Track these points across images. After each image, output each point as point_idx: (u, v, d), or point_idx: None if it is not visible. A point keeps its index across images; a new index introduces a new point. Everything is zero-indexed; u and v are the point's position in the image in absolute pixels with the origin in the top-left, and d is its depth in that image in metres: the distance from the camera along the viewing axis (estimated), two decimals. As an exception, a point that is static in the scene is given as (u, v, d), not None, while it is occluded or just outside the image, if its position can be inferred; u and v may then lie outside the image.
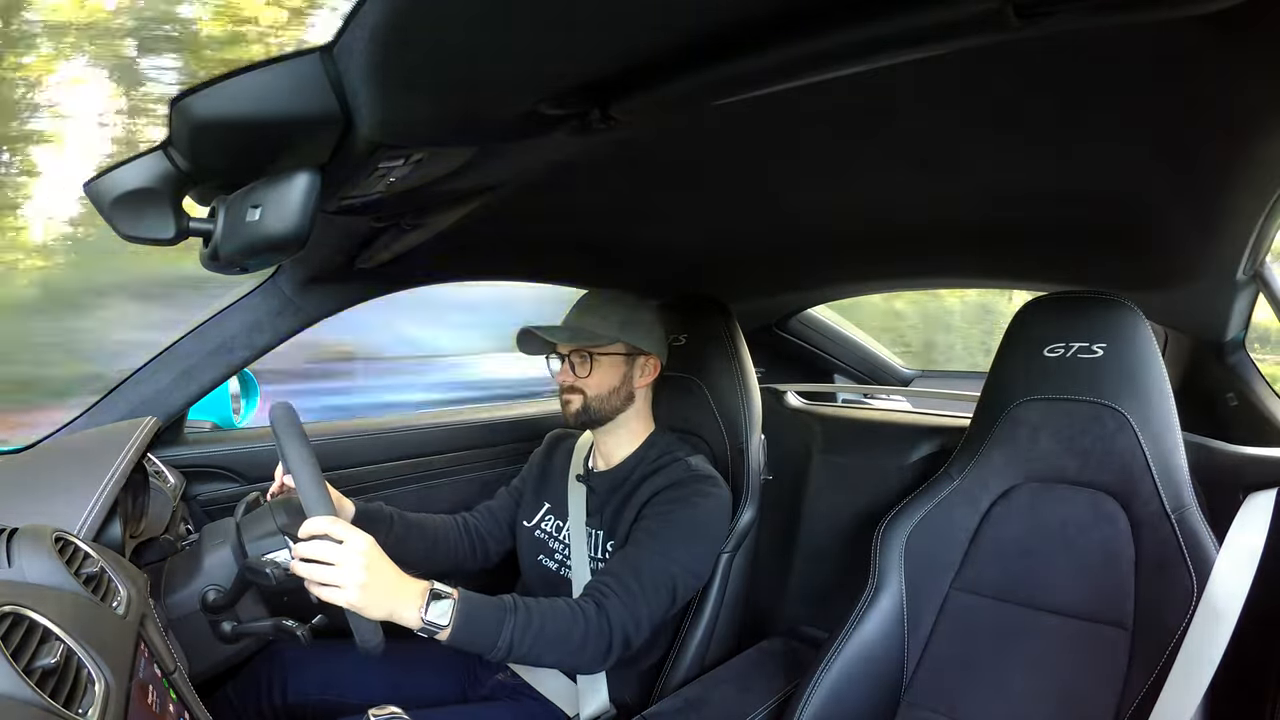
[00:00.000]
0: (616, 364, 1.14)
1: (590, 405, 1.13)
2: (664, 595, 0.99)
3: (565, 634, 0.90)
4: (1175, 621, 0.84)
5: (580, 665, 0.99)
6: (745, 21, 0.48)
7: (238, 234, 0.62)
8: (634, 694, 1.13)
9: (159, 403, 1.12)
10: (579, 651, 0.91)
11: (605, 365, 1.13)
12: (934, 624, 1.03)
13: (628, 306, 1.15)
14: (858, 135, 0.81)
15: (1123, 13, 0.43)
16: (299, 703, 1.08)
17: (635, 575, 0.97)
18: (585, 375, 1.12)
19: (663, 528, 1.03)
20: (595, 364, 1.12)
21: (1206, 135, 0.72)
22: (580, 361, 1.13)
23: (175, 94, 0.55)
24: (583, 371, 1.12)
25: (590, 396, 1.13)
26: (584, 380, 1.12)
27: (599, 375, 1.13)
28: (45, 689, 0.45)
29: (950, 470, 1.08)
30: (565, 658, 0.93)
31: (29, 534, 0.62)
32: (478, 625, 0.86)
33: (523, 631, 0.87)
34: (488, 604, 0.88)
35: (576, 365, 1.13)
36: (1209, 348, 1.23)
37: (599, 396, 1.13)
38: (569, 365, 1.13)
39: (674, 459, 1.13)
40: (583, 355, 1.13)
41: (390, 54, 0.51)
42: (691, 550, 1.04)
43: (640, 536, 1.03)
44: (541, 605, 0.91)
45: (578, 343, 1.12)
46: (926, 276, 1.62)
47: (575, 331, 1.12)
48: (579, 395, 1.13)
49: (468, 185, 0.85)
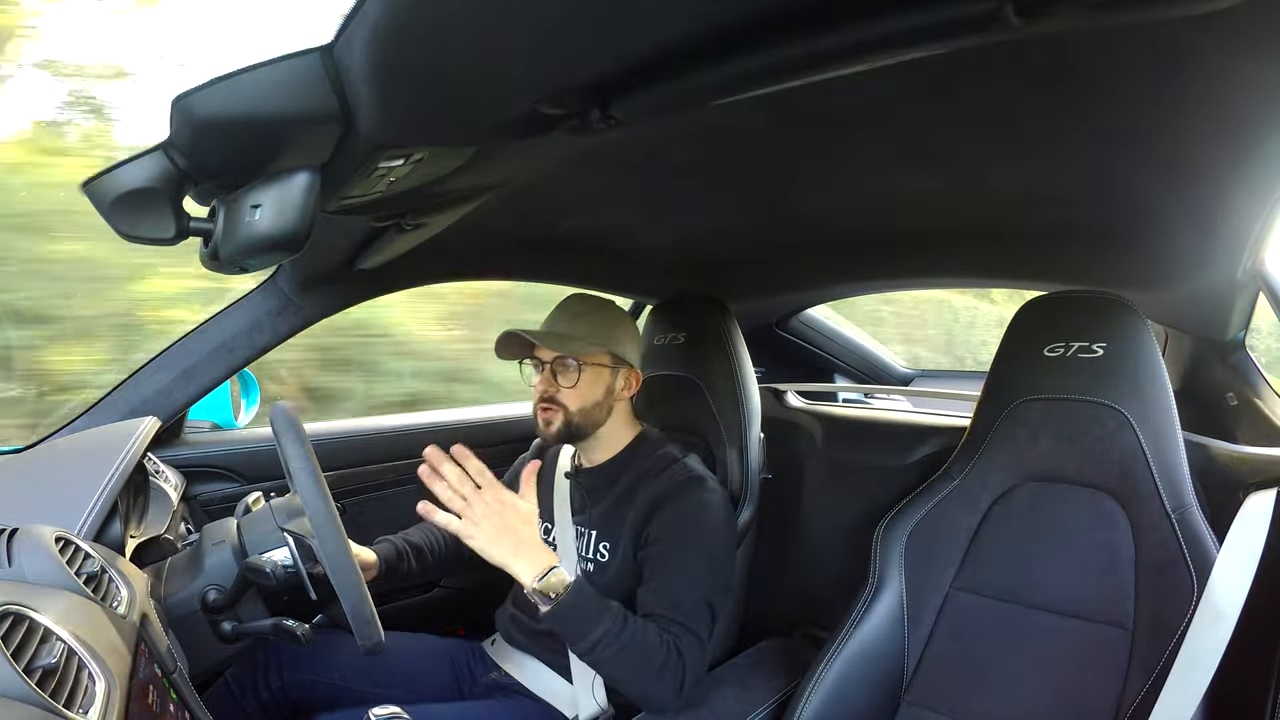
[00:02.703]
0: (601, 375, 1.10)
1: (571, 421, 1.08)
2: (706, 619, 1.00)
3: (649, 657, 0.92)
4: (1175, 621, 0.84)
5: (650, 694, 0.95)
6: (745, 21, 0.49)
7: (238, 234, 0.62)
8: (633, 694, 1.12)
9: (159, 403, 1.12)
10: (656, 680, 0.92)
11: (589, 376, 1.08)
12: (934, 624, 1.03)
13: (613, 315, 1.12)
14: (858, 135, 0.81)
15: (1123, 13, 0.43)
16: (297, 689, 1.08)
17: (675, 609, 0.97)
18: (570, 385, 1.07)
19: (680, 552, 1.02)
20: (581, 374, 1.08)
21: (1206, 135, 0.72)
22: (564, 370, 1.08)
23: (176, 93, 0.55)
24: (566, 381, 1.07)
25: (571, 411, 1.08)
26: (566, 391, 1.07)
27: (583, 386, 1.08)
28: (45, 689, 0.45)
29: (950, 470, 1.08)
30: (640, 679, 0.93)
31: (29, 534, 0.62)
32: (579, 613, 0.91)
33: (614, 638, 0.90)
34: (594, 600, 0.92)
35: (560, 374, 1.08)
36: (1209, 347, 1.23)
37: (581, 410, 1.08)
38: (550, 373, 1.08)
39: (670, 459, 1.11)
40: (566, 364, 1.08)
41: (390, 53, 0.51)
42: (715, 566, 1.04)
43: (659, 565, 1.02)
44: (639, 624, 0.94)
45: (567, 349, 1.07)
46: (926, 276, 1.62)
47: (563, 339, 1.08)
48: (559, 412, 1.08)
49: (468, 185, 0.85)
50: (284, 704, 1.08)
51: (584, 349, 1.08)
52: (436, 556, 1.22)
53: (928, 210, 1.08)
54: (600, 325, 1.10)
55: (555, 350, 1.09)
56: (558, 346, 1.08)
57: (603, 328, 1.10)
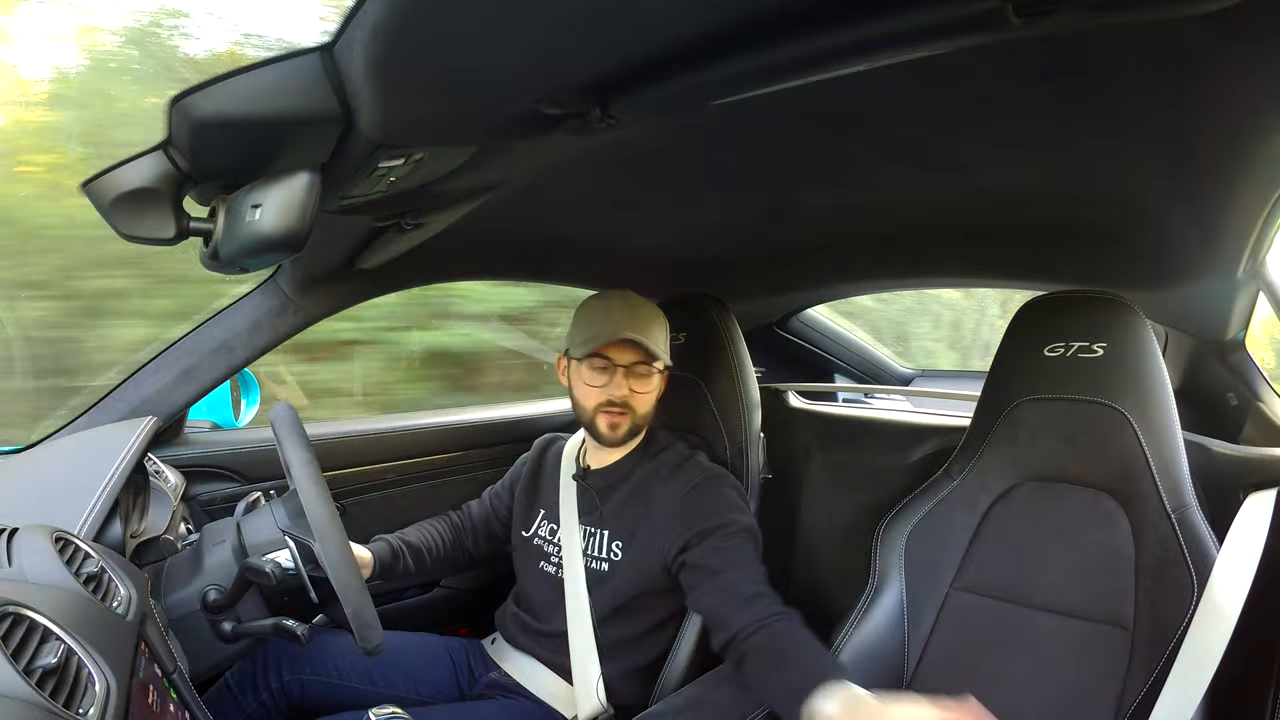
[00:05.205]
0: (661, 382, 1.14)
1: (638, 425, 1.12)
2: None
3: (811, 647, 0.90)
4: (1175, 621, 0.84)
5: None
6: (745, 21, 0.49)
7: (238, 234, 0.62)
8: (632, 694, 1.12)
9: (159, 403, 1.12)
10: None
11: (656, 382, 1.12)
12: (934, 623, 1.03)
13: (663, 319, 1.14)
14: (858, 135, 0.81)
15: (1123, 12, 0.43)
16: (297, 689, 1.08)
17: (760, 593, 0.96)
18: (645, 391, 1.10)
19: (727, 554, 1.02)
20: (654, 380, 1.11)
21: (1206, 135, 0.72)
22: (643, 376, 1.10)
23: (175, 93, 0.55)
24: (643, 387, 1.10)
25: (639, 415, 1.11)
26: (639, 396, 1.10)
27: (654, 392, 1.12)
28: (45, 689, 0.45)
29: (950, 470, 1.08)
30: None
31: (29, 534, 0.62)
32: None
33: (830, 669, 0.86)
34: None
35: (637, 379, 1.09)
36: (1209, 347, 1.23)
37: (645, 415, 1.12)
38: (623, 376, 1.08)
39: (683, 457, 1.14)
40: (645, 371, 1.10)
41: (391, 53, 0.51)
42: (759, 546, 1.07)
43: (710, 565, 1.01)
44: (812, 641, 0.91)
45: (656, 359, 1.09)
46: (926, 276, 1.62)
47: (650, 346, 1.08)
48: (628, 415, 1.10)
49: (468, 185, 0.85)
50: (284, 704, 1.08)
51: (665, 357, 1.11)
52: (435, 557, 1.22)
53: (928, 210, 1.08)
54: (664, 330, 1.13)
55: (648, 359, 1.09)
56: (655, 358, 1.09)
57: (665, 333, 1.13)
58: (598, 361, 1.08)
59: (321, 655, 1.09)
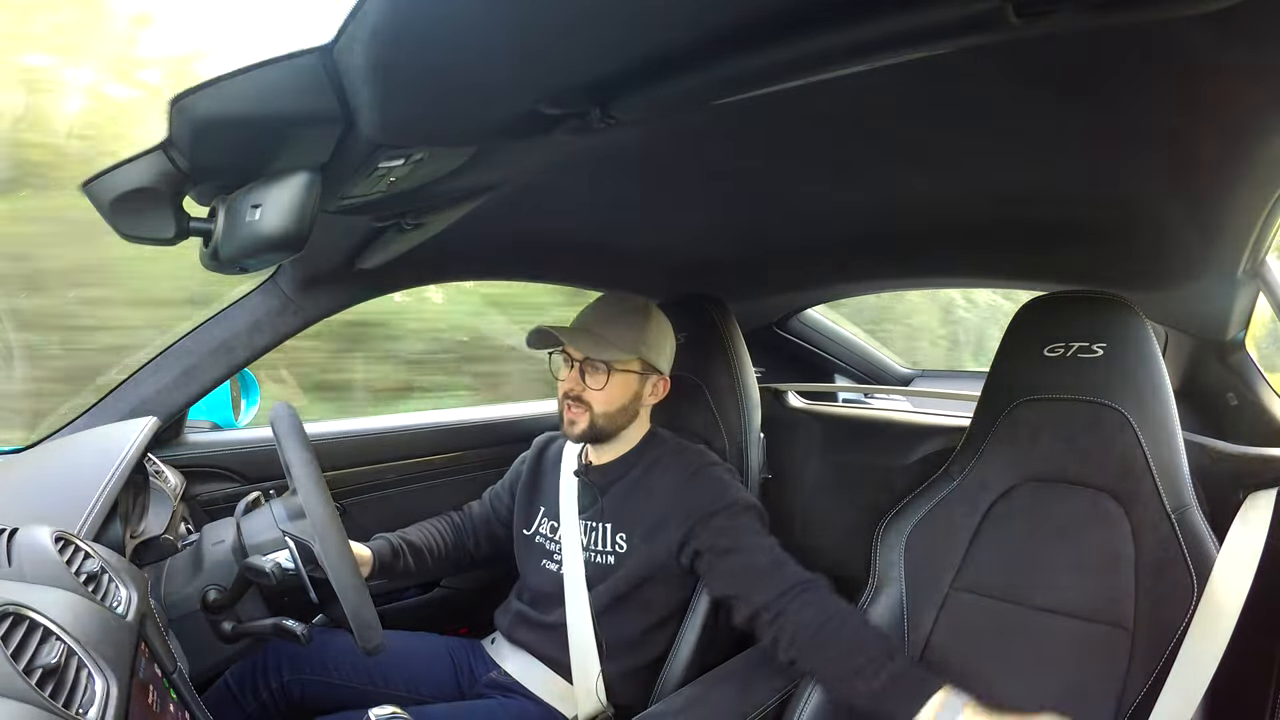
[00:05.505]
0: (630, 381, 1.10)
1: (596, 423, 1.09)
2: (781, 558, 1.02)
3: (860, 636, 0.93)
4: (1175, 621, 0.84)
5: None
6: (745, 21, 0.48)
7: (238, 234, 0.62)
8: (632, 694, 1.12)
9: (159, 403, 1.12)
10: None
11: (618, 381, 1.09)
12: (934, 623, 1.03)
13: (649, 320, 1.12)
14: (858, 135, 0.81)
15: (1123, 12, 0.43)
16: (297, 689, 1.08)
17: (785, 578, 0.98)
18: (597, 388, 1.08)
19: (736, 532, 1.04)
20: (609, 378, 1.08)
21: (1206, 135, 0.72)
22: (593, 372, 1.08)
23: (175, 93, 0.55)
24: (594, 383, 1.08)
25: (597, 413, 1.09)
26: (593, 393, 1.08)
27: (611, 390, 1.08)
28: (45, 689, 0.45)
29: (950, 470, 1.08)
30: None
31: (29, 534, 0.62)
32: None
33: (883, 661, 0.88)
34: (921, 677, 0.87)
35: (588, 375, 1.08)
36: (1209, 347, 1.23)
37: (606, 414, 1.09)
38: (578, 372, 1.09)
39: (682, 447, 1.15)
40: (597, 366, 1.08)
41: (391, 54, 0.51)
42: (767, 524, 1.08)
43: (720, 544, 1.03)
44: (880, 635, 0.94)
45: (599, 354, 1.07)
46: (926, 276, 1.62)
47: (597, 340, 1.07)
48: (585, 412, 1.09)
49: (468, 185, 0.85)
50: (284, 704, 1.08)
51: (616, 354, 1.07)
52: (436, 556, 1.22)
53: (928, 210, 1.08)
54: (634, 329, 1.09)
55: (586, 352, 1.08)
56: (590, 349, 1.07)
57: (636, 332, 1.10)
58: (561, 355, 1.12)
59: (321, 655, 1.09)
